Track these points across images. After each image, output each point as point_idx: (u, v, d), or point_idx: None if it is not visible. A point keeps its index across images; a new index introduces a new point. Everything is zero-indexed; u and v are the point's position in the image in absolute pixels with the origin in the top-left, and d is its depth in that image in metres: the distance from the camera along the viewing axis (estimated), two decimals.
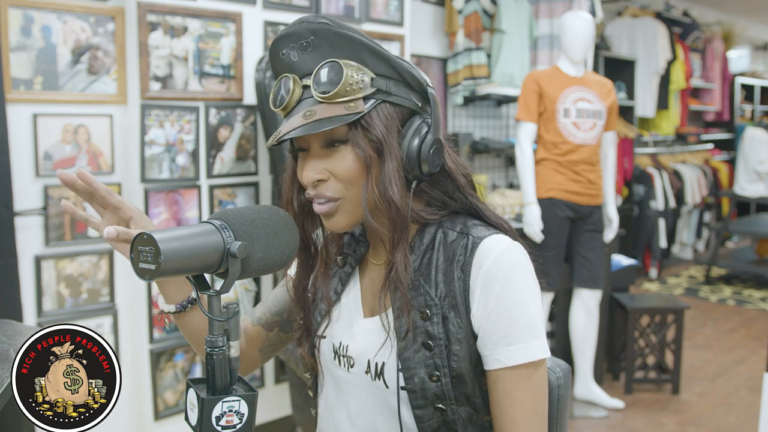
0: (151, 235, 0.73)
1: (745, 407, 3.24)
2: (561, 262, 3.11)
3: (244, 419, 0.79)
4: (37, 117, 2.21)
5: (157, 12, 2.30)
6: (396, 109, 0.93)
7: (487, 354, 0.93)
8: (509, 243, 0.94)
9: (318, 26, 0.90)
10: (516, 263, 0.93)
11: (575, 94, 3.02)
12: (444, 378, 0.93)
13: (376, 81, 0.91)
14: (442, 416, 0.94)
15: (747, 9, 7.40)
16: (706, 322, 4.68)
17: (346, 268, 1.06)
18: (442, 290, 0.94)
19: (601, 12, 4.33)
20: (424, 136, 0.93)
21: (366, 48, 0.90)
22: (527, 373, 0.92)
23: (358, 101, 0.90)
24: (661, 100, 5.88)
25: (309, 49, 0.91)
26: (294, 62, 0.93)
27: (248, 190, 2.62)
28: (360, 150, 0.90)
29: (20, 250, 2.20)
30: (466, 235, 0.95)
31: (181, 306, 1.06)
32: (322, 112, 0.89)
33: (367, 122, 0.90)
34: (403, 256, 0.93)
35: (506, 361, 0.91)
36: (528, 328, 0.91)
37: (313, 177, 0.92)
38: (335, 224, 0.95)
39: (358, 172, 0.92)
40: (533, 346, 0.91)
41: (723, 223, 6.16)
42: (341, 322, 1.04)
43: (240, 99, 2.53)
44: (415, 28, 3.66)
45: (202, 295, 0.82)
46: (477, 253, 0.93)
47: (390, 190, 0.91)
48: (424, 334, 0.93)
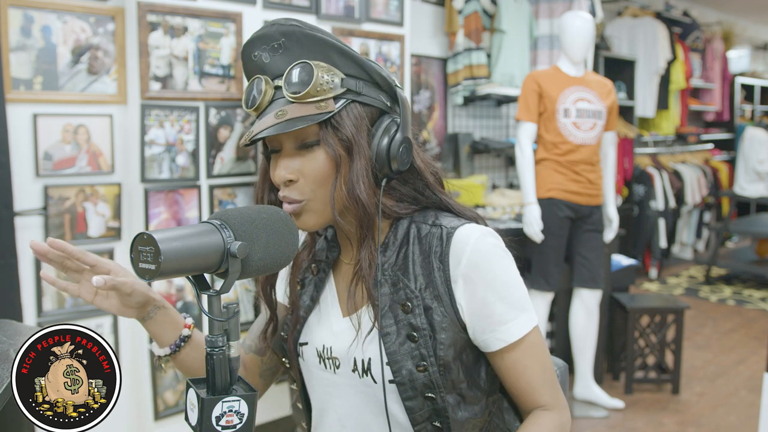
0: (151, 235, 0.73)
1: (745, 407, 3.24)
2: (561, 262, 3.11)
3: (244, 419, 0.79)
4: (37, 117, 2.21)
5: (157, 12, 2.30)
6: (365, 109, 0.96)
7: (487, 337, 0.97)
8: (482, 230, 0.97)
9: (289, 28, 0.93)
10: (493, 248, 0.97)
11: (575, 94, 3.02)
12: (431, 367, 0.95)
13: (345, 81, 0.94)
14: (433, 405, 0.96)
15: (747, 9, 7.40)
16: (706, 322, 4.68)
17: (320, 275, 1.08)
18: (421, 282, 0.97)
19: (601, 12, 4.33)
20: (393, 135, 0.96)
21: (335, 49, 0.93)
22: (528, 341, 0.98)
23: (329, 101, 0.93)
24: (661, 100, 5.88)
25: (280, 51, 0.94)
26: (266, 64, 0.95)
27: (248, 190, 2.62)
28: (330, 149, 0.93)
29: (20, 250, 2.20)
30: (438, 227, 0.98)
31: (175, 345, 1.08)
32: (293, 112, 0.91)
33: (338, 121, 0.93)
34: (368, 253, 0.96)
35: (507, 338, 0.96)
36: (518, 304, 0.97)
37: (284, 176, 0.94)
38: (304, 223, 0.97)
39: (327, 173, 0.94)
40: (525, 319, 0.97)
41: (723, 223, 6.16)
42: (321, 326, 1.06)
43: (240, 99, 2.53)
44: (415, 28, 3.66)
45: (202, 295, 0.82)
46: (453, 243, 0.96)
47: (357, 189, 0.93)
48: (408, 326, 0.96)
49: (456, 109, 4.07)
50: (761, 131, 6.26)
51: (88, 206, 2.33)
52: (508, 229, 3.13)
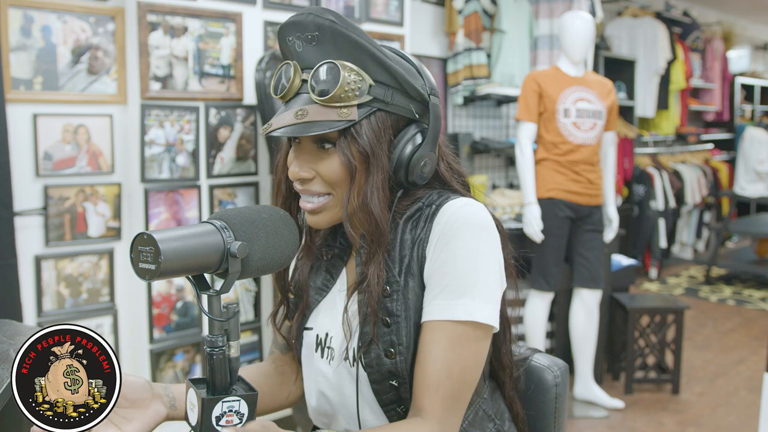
0: (151, 235, 0.73)
1: (745, 407, 3.24)
2: (561, 262, 3.11)
3: (244, 419, 0.79)
4: (37, 117, 2.21)
5: (157, 12, 2.30)
6: (391, 118, 0.93)
7: (425, 306, 0.93)
8: (470, 201, 0.94)
9: (324, 22, 0.90)
10: (472, 217, 0.92)
11: (575, 94, 3.02)
12: (399, 356, 0.93)
13: (374, 89, 0.91)
14: (397, 393, 0.96)
15: (747, 9, 7.40)
16: (706, 322, 4.68)
17: (334, 260, 1.06)
18: (404, 264, 0.95)
19: (601, 12, 4.32)
20: (416, 148, 0.93)
21: (368, 53, 0.90)
22: (452, 331, 0.89)
23: (352, 108, 0.90)
24: (661, 100, 5.88)
25: (313, 43, 0.91)
26: (298, 52, 0.93)
27: (248, 190, 2.62)
28: (345, 159, 0.90)
29: (20, 250, 2.20)
30: (431, 206, 0.95)
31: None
32: (313, 114, 0.89)
33: (357, 131, 0.90)
34: (377, 269, 0.93)
35: (432, 314, 0.90)
36: (471, 286, 0.90)
37: (299, 174, 0.94)
38: (318, 221, 0.97)
39: (342, 177, 0.93)
40: (474, 307, 0.89)
41: (723, 223, 6.16)
42: (327, 312, 1.05)
43: (240, 99, 2.53)
44: (415, 28, 3.66)
45: (202, 295, 0.82)
46: (438, 214, 0.93)
47: (371, 203, 0.91)
48: (384, 310, 0.94)
49: (456, 109, 4.07)
50: (761, 131, 6.26)
51: (88, 206, 2.33)
52: (508, 229, 3.12)
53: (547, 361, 1.12)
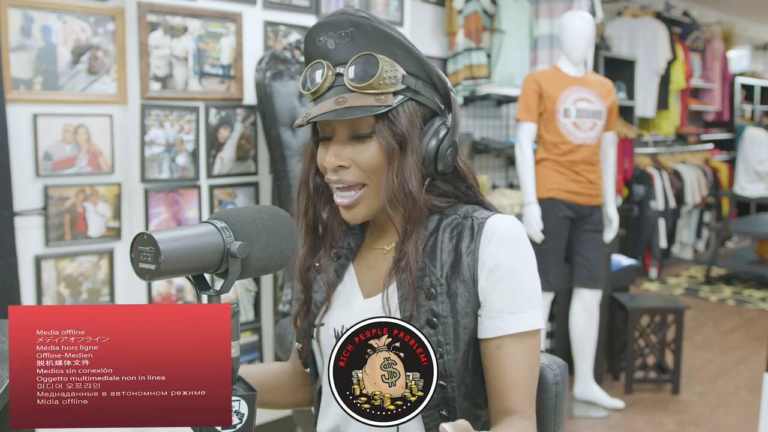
0: (151, 235, 0.73)
1: (745, 407, 3.24)
2: (561, 262, 3.11)
3: (244, 419, 0.79)
4: (37, 117, 2.21)
5: (157, 12, 2.30)
6: (420, 108, 0.98)
7: (488, 323, 0.98)
8: (513, 219, 1.00)
9: (359, 19, 0.95)
10: (521, 237, 0.99)
11: (575, 94, 3.02)
12: (447, 355, 0.96)
13: (406, 79, 0.96)
14: (443, 393, 0.97)
15: (747, 9, 7.40)
16: (706, 322, 4.68)
17: (341, 260, 1.09)
18: (447, 269, 0.98)
19: (601, 12, 4.33)
20: (443, 138, 0.99)
21: (400, 46, 0.96)
22: (527, 340, 0.98)
23: (388, 95, 0.95)
24: (661, 100, 5.88)
25: (347, 39, 0.96)
26: (330, 50, 0.97)
27: (248, 190, 2.62)
28: (384, 141, 0.95)
29: (20, 250, 2.20)
30: (470, 218, 1.01)
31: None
32: (353, 101, 0.93)
33: (394, 116, 0.95)
34: (414, 246, 0.97)
35: (507, 328, 0.97)
36: (530, 298, 0.98)
37: (335, 163, 0.97)
38: (355, 215, 1.00)
39: (380, 163, 0.96)
40: (533, 316, 0.98)
41: (723, 223, 6.16)
42: (339, 308, 1.06)
43: (240, 99, 2.53)
44: (415, 28, 3.66)
45: (202, 295, 0.82)
46: (484, 230, 0.98)
47: (409, 183, 0.96)
48: (429, 312, 0.97)
49: None
50: (761, 131, 6.26)
51: (88, 206, 2.33)
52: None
53: (546, 360, 1.13)
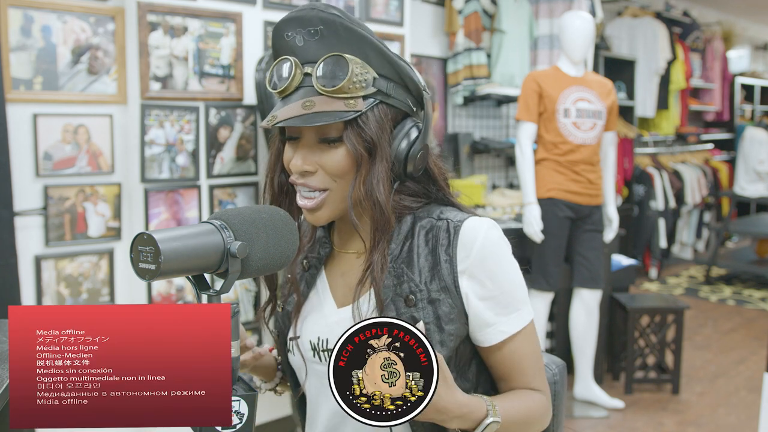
0: (151, 235, 0.73)
1: (745, 407, 3.24)
2: (561, 262, 3.11)
3: (244, 419, 0.79)
4: (37, 117, 2.21)
5: (157, 12, 2.30)
6: (391, 110, 0.95)
7: (489, 330, 0.98)
8: (488, 223, 0.98)
9: (329, 17, 0.91)
10: (500, 241, 0.98)
11: (575, 94, 3.02)
12: None
13: (377, 81, 0.93)
14: None
15: (747, 9, 7.40)
16: (706, 322, 4.68)
17: (311, 271, 1.08)
18: (426, 275, 0.96)
19: (601, 12, 4.32)
20: (414, 141, 0.96)
21: (372, 47, 0.92)
22: (525, 331, 1.00)
23: (358, 99, 0.92)
24: (661, 100, 5.88)
25: (316, 37, 0.92)
26: (298, 47, 0.93)
27: (248, 190, 2.62)
28: (352, 148, 0.92)
29: (20, 250, 2.20)
30: (444, 220, 0.98)
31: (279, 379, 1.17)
32: (321, 105, 0.90)
33: (363, 122, 0.92)
34: (381, 256, 0.96)
35: (509, 330, 0.98)
36: (520, 297, 1.00)
37: (302, 167, 0.94)
38: (318, 218, 0.98)
39: (347, 168, 0.94)
40: (525, 311, 1.00)
41: (723, 223, 6.16)
42: (312, 318, 1.05)
43: (240, 99, 2.53)
44: (415, 28, 3.66)
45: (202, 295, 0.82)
46: (460, 235, 0.96)
47: (377, 191, 0.93)
48: (410, 319, 0.95)
49: (456, 109, 4.07)
50: (761, 131, 6.26)
51: (88, 206, 2.33)
52: (508, 229, 3.13)
53: (545, 359, 1.13)
